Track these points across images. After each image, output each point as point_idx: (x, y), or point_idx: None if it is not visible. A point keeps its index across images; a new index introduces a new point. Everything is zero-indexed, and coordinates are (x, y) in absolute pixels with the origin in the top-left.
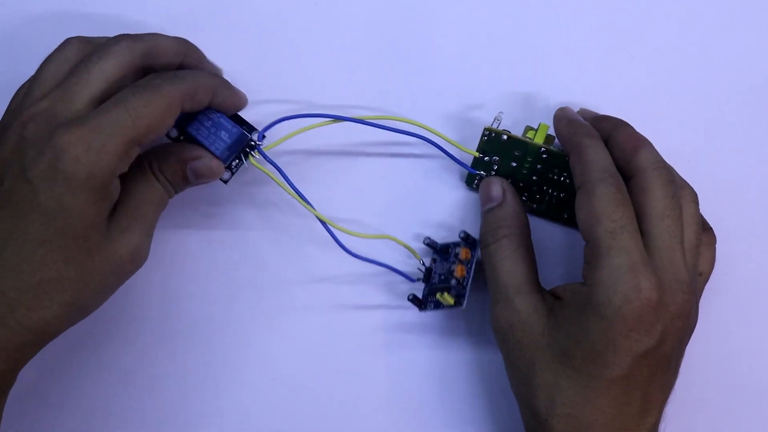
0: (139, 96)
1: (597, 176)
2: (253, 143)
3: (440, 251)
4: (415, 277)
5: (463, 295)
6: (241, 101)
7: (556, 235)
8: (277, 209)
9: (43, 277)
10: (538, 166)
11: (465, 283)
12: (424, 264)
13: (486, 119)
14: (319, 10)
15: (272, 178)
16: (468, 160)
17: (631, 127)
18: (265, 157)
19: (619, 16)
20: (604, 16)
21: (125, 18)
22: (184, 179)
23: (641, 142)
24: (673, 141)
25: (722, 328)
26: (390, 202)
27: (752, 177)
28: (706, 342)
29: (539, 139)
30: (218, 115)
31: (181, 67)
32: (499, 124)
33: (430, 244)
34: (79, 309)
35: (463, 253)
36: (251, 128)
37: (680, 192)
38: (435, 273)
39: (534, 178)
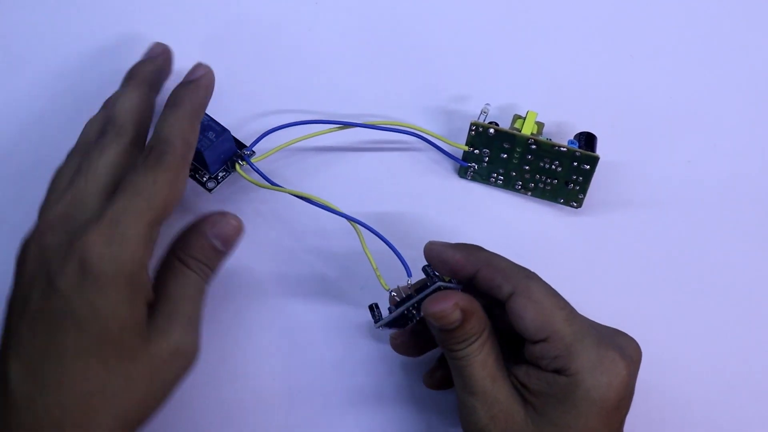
0: (145, 176)
1: (524, 275)
2: (240, 154)
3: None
4: (412, 272)
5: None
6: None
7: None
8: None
9: (86, 390)
10: (528, 156)
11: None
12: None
13: (474, 110)
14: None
15: (257, 184)
16: (459, 153)
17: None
18: (252, 166)
19: (619, 16)
20: (605, 15)
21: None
22: (214, 251)
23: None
24: (673, 141)
25: (722, 328)
26: (386, 196)
27: (752, 177)
28: (706, 342)
29: (528, 128)
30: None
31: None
32: (486, 116)
33: (428, 272)
34: (130, 420)
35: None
36: (240, 144)
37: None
38: (411, 307)
39: (526, 167)
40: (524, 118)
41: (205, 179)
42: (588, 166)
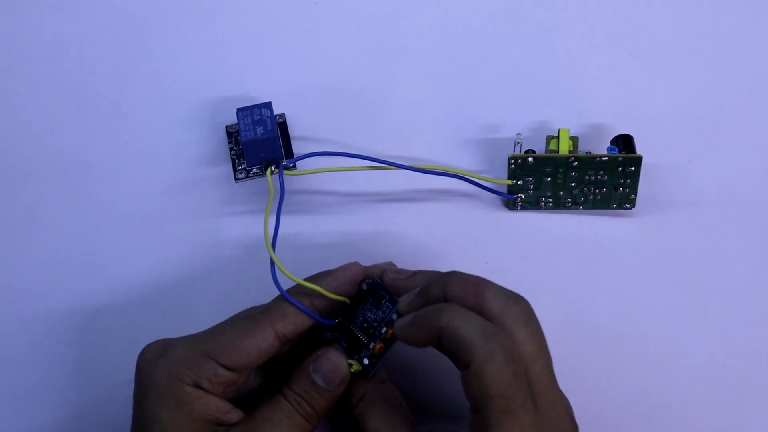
0: (234, 319)
1: (483, 351)
2: (278, 161)
3: (377, 293)
4: (335, 320)
5: (372, 369)
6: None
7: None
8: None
9: None
10: (572, 173)
11: (377, 363)
12: (351, 300)
13: (507, 135)
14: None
15: (269, 199)
16: (504, 187)
17: (458, 274)
18: (280, 178)
19: (619, 16)
20: (605, 15)
21: None
22: (314, 388)
23: (480, 286)
24: (673, 141)
25: (722, 328)
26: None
27: (752, 177)
28: (706, 342)
29: (563, 146)
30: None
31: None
32: (521, 146)
33: (367, 287)
34: None
35: (388, 333)
36: (290, 153)
37: (535, 320)
38: (360, 315)
39: (572, 184)
40: (557, 137)
41: (239, 168)
42: (633, 168)
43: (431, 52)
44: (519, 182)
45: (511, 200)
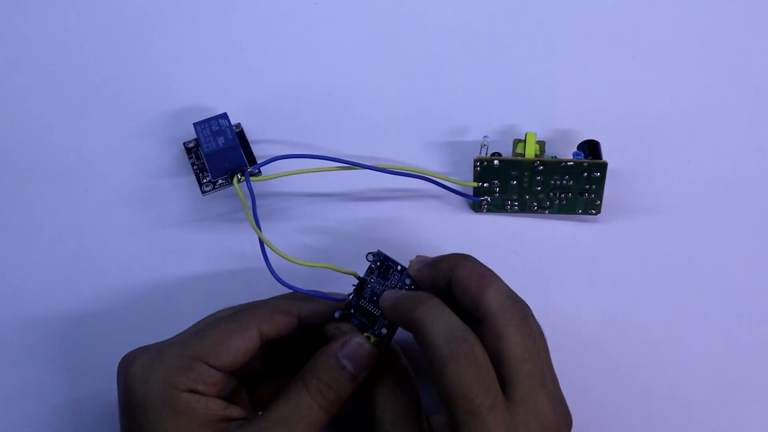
0: (214, 321)
1: (444, 351)
2: (242, 169)
3: (383, 265)
4: (345, 295)
5: (388, 340)
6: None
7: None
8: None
9: None
10: (538, 177)
11: (392, 333)
12: (359, 277)
13: (473, 138)
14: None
15: (243, 205)
16: (470, 189)
17: (471, 261)
18: (248, 184)
19: (620, 16)
20: (605, 15)
21: None
22: (342, 373)
23: (486, 280)
24: (673, 141)
25: (722, 327)
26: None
27: (752, 177)
28: (705, 342)
29: (530, 150)
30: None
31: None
32: (487, 148)
33: (372, 261)
34: None
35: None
36: (252, 160)
37: (531, 324)
38: (368, 288)
39: (538, 188)
40: (524, 141)
41: (204, 180)
42: (598, 174)
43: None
44: (485, 185)
45: (476, 202)
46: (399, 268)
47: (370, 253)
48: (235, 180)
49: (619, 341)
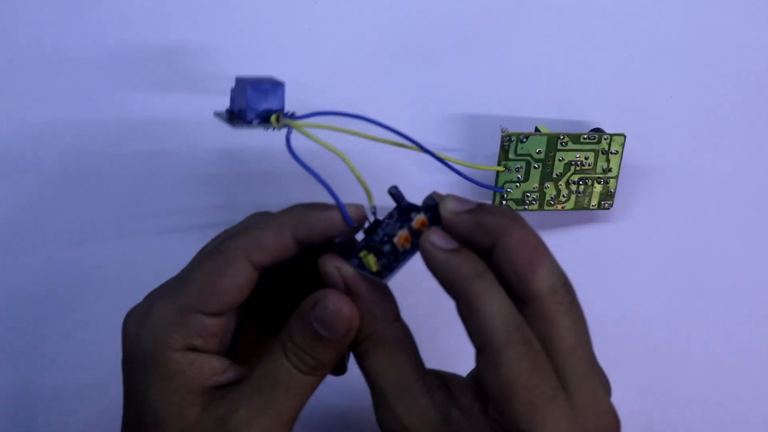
0: (195, 260)
1: (501, 338)
2: (282, 112)
3: (402, 209)
4: (354, 221)
5: (391, 269)
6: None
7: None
8: None
9: None
10: (560, 159)
11: (400, 257)
12: (375, 214)
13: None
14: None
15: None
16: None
17: (521, 226)
18: (288, 123)
19: (619, 16)
20: (605, 15)
21: None
22: (317, 338)
23: (537, 257)
24: (673, 141)
25: (721, 327)
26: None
27: (752, 176)
28: (705, 342)
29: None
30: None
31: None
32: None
33: (396, 194)
34: None
35: (418, 222)
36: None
37: (579, 305)
38: (381, 231)
39: (559, 173)
40: (537, 132)
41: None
42: (616, 151)
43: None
44: (508, 170)
45: (498, 193)
46: (429, 202)
47: (394, 186)
48: (273, 118)
49: (626, 338)
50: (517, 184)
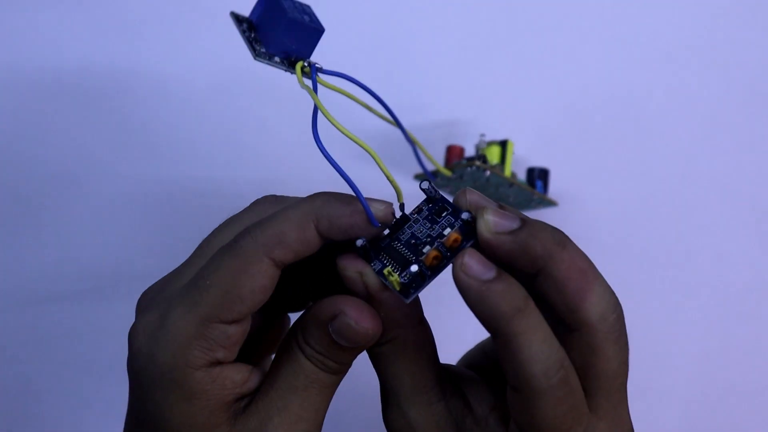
0: (209, 263)
1: (540, 383)
2: (310, 62)
3: (437, 204)
4: (378, 221)
5: (416, 288)
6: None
7: None
8: None
9: None
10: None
11: (427, 276)
12: (403, 210)
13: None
14: None
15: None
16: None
17: (570, 251)
18: (313, 80)
19: (620, 15)
20: (605, 15)
21: None
22: (337, 347)
23: (587, 284)
24: (672, 141)
25: (721, 327)
26: None
27: (752, 176)
28: (705, 341)
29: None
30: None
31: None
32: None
33: (429, 190)
34: None
35: (450, 239)
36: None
37: (625, 332)
38: (408, 230)
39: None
40: (504, 149)
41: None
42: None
43: None
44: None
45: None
46: (464, 217)
47: (426, 180)
48: (298, 67)
49: None
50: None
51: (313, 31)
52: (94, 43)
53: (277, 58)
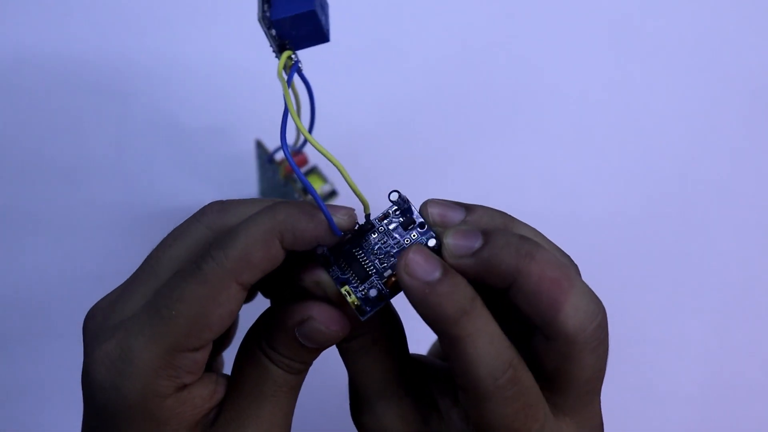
0: (172, 286)
1: (486, 385)
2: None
3: (405, 215)
4: (341, 230)
5: (372, 307)
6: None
7: None
8: None
9: None
10: None
11: (385, 296)
12: (369, 217)
13: None
14: None
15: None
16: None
17: (539, 262)
18: (292, 71)
19: (620, 16)
20: (604, 15)
21: None
22: (304, 349)
23: (561, 294)
24: (672, 140)
25: (720, 326)
26: None
27: (751, 176)
28: (704, 341)
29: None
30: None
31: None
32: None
33: (397, 201)
34: None
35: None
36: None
37: (607, 338)
38: (372, 240)
39: None
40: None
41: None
42: None
43: None
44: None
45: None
46: (431, 244)
47: (395, 191)
48: (285, 56)
49: None
50: None
51: (321, 35)
52: (94, 43)
53: (273, 32)
